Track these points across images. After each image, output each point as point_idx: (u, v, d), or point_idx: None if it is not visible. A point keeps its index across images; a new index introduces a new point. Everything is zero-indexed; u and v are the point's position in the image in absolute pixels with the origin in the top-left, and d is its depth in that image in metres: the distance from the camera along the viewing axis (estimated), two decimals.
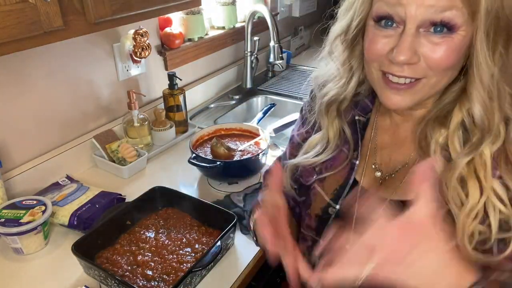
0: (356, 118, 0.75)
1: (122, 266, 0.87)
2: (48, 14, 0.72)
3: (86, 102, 1.25)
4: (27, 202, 0.96)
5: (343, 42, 0.69)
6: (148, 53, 1.29)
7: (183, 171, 1.24)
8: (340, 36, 0.69)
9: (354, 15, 0.64)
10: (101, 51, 1.25)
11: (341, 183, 0.74)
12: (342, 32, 0.68)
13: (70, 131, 1.22)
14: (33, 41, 0.73)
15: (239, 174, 1.18)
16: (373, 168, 0.73)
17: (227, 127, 1.32)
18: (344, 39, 0.68)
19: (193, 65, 1.60)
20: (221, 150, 1.17)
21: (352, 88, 0.72)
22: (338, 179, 0.74)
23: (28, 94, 1.08)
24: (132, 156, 1.21)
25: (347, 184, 0.73)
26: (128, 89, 1.27)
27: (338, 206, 0.73)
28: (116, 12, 0.85)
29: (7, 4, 0.66)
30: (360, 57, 0.69)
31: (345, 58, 0.70)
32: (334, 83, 0.74)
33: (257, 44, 1.78)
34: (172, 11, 1.05)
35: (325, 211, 0.74)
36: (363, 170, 0.73)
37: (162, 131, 1.34)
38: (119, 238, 0.95)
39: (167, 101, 1.38)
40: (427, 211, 0.47)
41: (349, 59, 0.70)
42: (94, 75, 1.25)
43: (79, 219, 0.98)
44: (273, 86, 1.86)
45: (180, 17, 1.52)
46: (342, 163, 0.74)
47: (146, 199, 1.02)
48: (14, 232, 0.89)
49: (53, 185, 1.13)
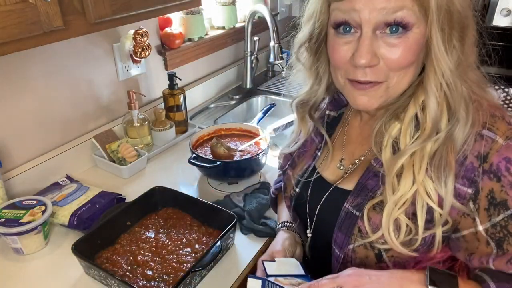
0: (327, 113, 0.82)
1: (122, 266, 0.87)
2: (48, 14, 0.72)
3: (86, 102, 1.25)
4: (27, 202, 0.96)
5: (308, 49, 0.73)
6: (148, 53, 1.29)
7: (183, 171, 1.24)
8: (304, 44, 0.73)
9: (315, 24, 0.68)
10: (101, 51, 1.25)
11: (304, 170, 0.81)
12: (306, 40, 0.72)
13: (70, 131, 1.22)
14: (33, 41, 0.73)
15: (239, 174, 1.18)
16: (338, 161, 0.78)
17: (227, 127, 1.32)
18: (308, 46, 0.72)
19: (193, 65, 1.60)
20: (221, 150, 1.17)
21: (321, 93, 0.77)
22: (304, 166, 0.81)
23: (28, 94, 1.08)
24: (132, 156, 1.21)
25: (306, 171, 0.80)
26: (128, 89, 1.27)
27: (298, 189, 0.81)
28: (116, 12, 0.85)
29: (7, 4, 0.66)
30: (326, 62, 0.73)
31: (310, 64, 0.75)
32: (305, 88, 0.79)
33: (257, 44, 1.78)
34: (172, 11, 1.05)
35: (292, 194, 0.83)
36: (329, 162, 0.79)
37: (162, 131, 1.34)
38: (119, 238, 0.95)
39: (167, 101, 1.38)
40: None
41: (315, 66, 0.74)
42: (94, 75, 1.25)
43: (79, 219, 0.98)
44: (273, 86, 1.86)
45: (180, 17, 1.52)
46: (311, 153, 0.81)
47: (146, 199, 1.02)
48: (14, 232, 0.89)
49: (53, 185, 1.13)
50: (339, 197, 0.72)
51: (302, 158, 0.83)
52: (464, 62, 0.61)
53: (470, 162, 0.60)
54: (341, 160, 0.78)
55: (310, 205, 0.79)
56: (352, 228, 0.68)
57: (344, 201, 0.70)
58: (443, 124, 0.61)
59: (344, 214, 0.70)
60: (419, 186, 0.62)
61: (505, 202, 0.59)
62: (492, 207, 0.60)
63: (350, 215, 0.69)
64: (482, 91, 0.63)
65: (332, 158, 0.79)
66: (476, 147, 0.60)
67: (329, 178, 0.77)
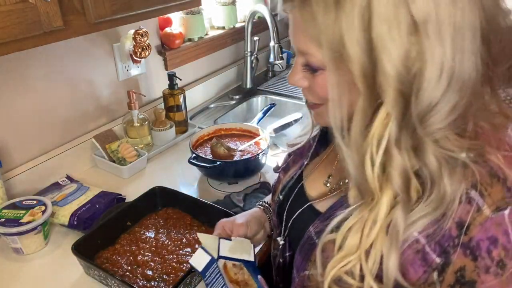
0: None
1: (122, 266, 0.87)
2: (48, 14, 0.72)
3: (86, 102, 1.25)
4: (27, 202, 0.96)
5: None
6: (148, 53, 1.29)
7: (183, 171, 1.24)
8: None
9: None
10: (101, 51, 1.25)
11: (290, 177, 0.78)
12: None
13: (70, 131, 1.22)
14: (33, 41, 0.73)
15: (239, 174, 1.18)
16: (326, 177, 0.71)
17: (227, 127, 1.32)
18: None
19: (193, 65, 1.60)
20: (221, 150, 1.17)
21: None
22: (292, 173, 0.78)
23: (28, 94, 1.08)
24: (132, 156, 1.21)
25: (292, 179, 0.76)
26: (128, 89, 1.27)
27: (281, 196, 0.77)
28: (116, 12, 0.85)
29: (7, 4, 0.66)
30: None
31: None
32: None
33: (257, 44, 1.78)
34: (172, 11, 1.05)
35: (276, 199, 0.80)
36: (315, 176, 0.73)
37: (162, 131, 1.34)
38: (119, 238, 0.95)
39: (167, 101, 1.38)
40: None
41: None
42: (94, 75, 1.25)
43: (79, 219, 0.98)
44: (273, 86, 1.86)
45: (180, 17, 1.52)
46: (303, 160, 0.77)
47: (146, 199, 1.02)
48: (14, 232, 0.89)
49: (53, 185, 1.13)
50: (309, 217, 0.66)
51: (293, 163, 0.79)
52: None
53: (449, 228, 0.49)
54: (328, 177, 0.71)
55: (286, 215, 0.74)
56: (310, 255, 0.63)
57: (311, 224, 0.64)
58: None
59: (306, 237, 0.64)
60: (362, 252, 0.53)
61: (473, 284, 0.49)
62: (458, 285, 0.50)
63: (310, 240, 0.63)
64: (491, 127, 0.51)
65: (320, 172, 0.72)
66: (460, 211, 0.48)
67: (310, 193, 0.71)
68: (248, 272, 0.71)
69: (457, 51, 0.45)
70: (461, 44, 0.45)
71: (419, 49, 0.45)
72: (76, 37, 0.80)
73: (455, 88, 0.46)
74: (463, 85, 0.46)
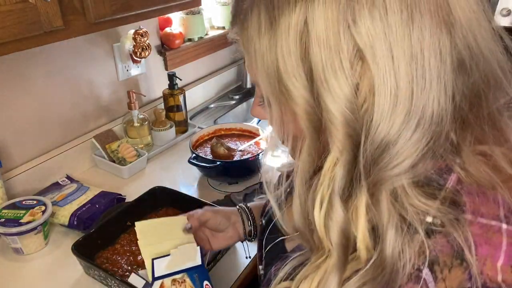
0: None
1: (122, 266, 0.87)
2: (48, 14, 0.72)
3: (86, 102, 1.25)
4: (27, 202, 0.96)
5: None
6: (148, 53, 1.29)
7: (183, 171, 1.24)
8: None
9: None
10: (101, 51, 1.25)
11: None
12: None
13: (70, 131, 1.22)
14: (33, 41, 0.73)
15: (239, 174, 1.18)
16: None
17: (227, 127, 1.32)
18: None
19: (193, 65, 1.60)
20: (221, 150, 1.17)
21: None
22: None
23: (28, 94, 1.08)
24: (132, 156, 1.21)
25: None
26: (128, 89, 1.27)
27: (263, 221, 0.70)
28: (116, 12, 0.85)
29: (7, 4, 0.66)
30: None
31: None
32: None
33: None
34: (172, 11, 1.05)
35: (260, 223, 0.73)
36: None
37: (162, 131, 1.34)
38: (119, 238, 0.95)
39: (167, 101, 1.38)
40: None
41: None
42: (94, 75, 1.25)
43: (79, 219, 0.98)
44: None
45: (180, 17, 1.52)
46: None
47: (146, 199, 1.02)
48: (14, 232, 0.89)
49: (53, 185, 1.13)
50: (276, 255, 0.58)
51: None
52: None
53: None
54: None
55: (264, 244, 0.66)
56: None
57: (275, 263, 0.55)
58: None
59: (267, 278, 0.57)
60: None
61: None
62: None
63: (269, 282, 0.55)
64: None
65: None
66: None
67: (287, 226, 0.60)
68: (191, 283, 0.67)
69: (414, 80, 0.36)
70: (421, 72, 0.35)
71: (368, 81, 0.36)
72: (76, 37, 0.80)
73: (413, 124, 0.36)
74: (425, 121, 0.36)
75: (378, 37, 0.35)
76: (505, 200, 0.37)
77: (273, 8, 0.38)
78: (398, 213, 0.38)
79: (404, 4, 0.35)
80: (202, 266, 0.69)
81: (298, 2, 0.37)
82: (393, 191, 0.38)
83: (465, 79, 0.37)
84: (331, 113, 0.37)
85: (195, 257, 0.70)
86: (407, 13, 0.35)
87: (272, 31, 0.39)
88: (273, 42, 0.39)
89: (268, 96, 0.42)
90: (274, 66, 0.39)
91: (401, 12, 0.35)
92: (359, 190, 0.39)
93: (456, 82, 0.37)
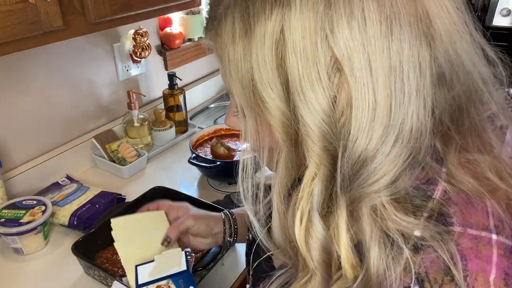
0: None
1: (122, 266, 0.87)
2: (48, 14, 0.72)
3: (86, 102, 1.25)
4: (27, 202, 0.96)
5: None
6: (148, 53, 1.29)
7: (183, 171, 1.24)
8: None
9: None
10: (101, 51, 1.25)
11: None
12: None
13: (70, 131, 1.22)
14: (33, 41, 0.73)
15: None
16: None
17: (227, 127, 1.32)
18: None
19: (193, 65, 1.60)
20: (221, 150, 1.17)
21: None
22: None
23: (28, 94, 1.08)
24: (132, 156, 1.21)
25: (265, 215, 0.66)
26: (128, 89, 1.27)
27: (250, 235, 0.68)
28: (116, 12, 0.85)
29: (7, 4, 0.66)
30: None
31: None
32: None
33: None
34: (172, 11, 1.05)
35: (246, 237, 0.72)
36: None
37: (162, 131, 1.34)
38: None
39: (167, 101, 1.38)
40: None
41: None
42: (94, 75, 1.25)
43: (79, 219, 0.98)
44: None
45: (180, 17, 1.52)
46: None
47: (146, 199, 1.02)
48: (14, 232, 0.89)
49: (53, 185, 1.13)
50: (263, 271, 0.55)
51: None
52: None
53: None
54: None
55: (252, 259, 0.63)
56: None
57: (262, 281, 0.52)
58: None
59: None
60: None
61: None
62: None
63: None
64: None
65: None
66: None
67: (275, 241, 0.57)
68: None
69: (393, 94, 0.34)
70: (400, 85, 0.34)
71: (345, 94, 0.35)
72: (76, 37, 0.80)
73: (391, 139, 0.35)
74: (404, 136, 0.35)
75: (356, 49, 0.34)
76: (494, 210, 0.37)
77: (249, 14, 0.36)
78: (380, 229, 0.37)
79: (384, 15, 0.33)
80: (187, 271, 0.68)
81: (275, 9, 0.35)
82: (373, 207, 0.37)
83: (446, 93, 0.36)
84: (308, 126, 0.36)
85: (179, 263, 0.68)
86: (386, 24, 0.34)
87: (247, 39, 0.37)
88: (248, 50, 0.37)
89: (243, 106, 0.41)
90: (249, 75, 0.38)
91: (380, 23, 0.33)
92: (338, 206, 0.38)
93: (436, 96, 0.36)
